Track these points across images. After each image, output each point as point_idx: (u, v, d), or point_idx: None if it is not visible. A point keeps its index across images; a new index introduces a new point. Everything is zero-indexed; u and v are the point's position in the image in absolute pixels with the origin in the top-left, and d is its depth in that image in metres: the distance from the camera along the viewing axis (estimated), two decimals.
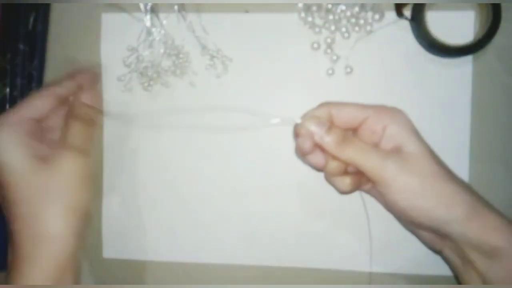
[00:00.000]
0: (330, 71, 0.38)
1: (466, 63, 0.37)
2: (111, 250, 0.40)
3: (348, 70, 0.37)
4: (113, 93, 0.39)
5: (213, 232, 0.39)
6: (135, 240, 0.40)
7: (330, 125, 0.32)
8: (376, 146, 0.32)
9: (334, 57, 0.38)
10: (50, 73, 0.40)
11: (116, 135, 0.40)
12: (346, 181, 0.33)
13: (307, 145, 0.32)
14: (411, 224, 0.34)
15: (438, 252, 0.34)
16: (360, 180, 0.34)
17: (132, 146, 0.39)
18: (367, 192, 0.36)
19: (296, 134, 0.33)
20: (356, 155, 0.31)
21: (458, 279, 0.34)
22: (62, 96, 0.34)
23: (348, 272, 0.38)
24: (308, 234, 0.39)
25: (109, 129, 0.40)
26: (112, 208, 0.40)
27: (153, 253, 0.40)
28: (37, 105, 0.33)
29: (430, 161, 0.31)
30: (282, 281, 0.39)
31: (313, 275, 0.39)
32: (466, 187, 0.31)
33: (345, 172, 0.33)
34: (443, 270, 0.37)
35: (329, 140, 0.31)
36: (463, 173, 0.37)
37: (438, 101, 0.37)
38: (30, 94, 0.34)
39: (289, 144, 0.38)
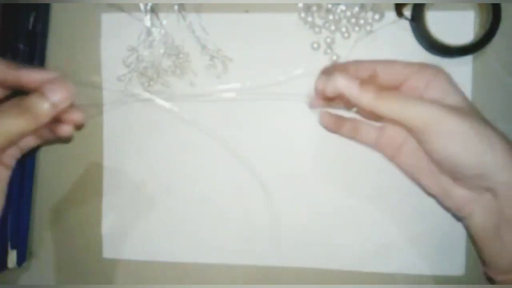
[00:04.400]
0: None
1: (466, 63, 0.37)
2: (111, 250, 0.40)
3: None
4: (113, 93, 0.39)
5: (213, 232, 0.39)
6: (135, 240, 0.40)
7: (361, 80, 0.31)
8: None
9: (334, 57, 0.38)
10: None
11: (116, 135, 0.40)
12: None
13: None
14: (453, 174, 0.32)
15: (463, 217, 0.33)
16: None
17: (132, 145, 0.39)
18: (390, 158, 0.35)
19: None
20: (396, 105, 0.30)
21: (479, 252, 0.33)
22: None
23: (349, 272, 0.38)
24: (308, 234, 0.39)
25: (109, 129, 0.40)
26: (112, 208, 0.40)
27: (153, 253, 0.40)
28: None
29: (472, 110, 0.31)
30: (282, 281, 0.39)
31: (313, 275, 0.39)
32: (504, 136, 0.31)
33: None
34: (443, 270, 0.37)
35: (364, 95, 0.30)
36: None
37: None
38: None
39: (290, 144, 0.38)
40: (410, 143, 0.33)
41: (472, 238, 0.33)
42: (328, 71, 0.33)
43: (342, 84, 0.30)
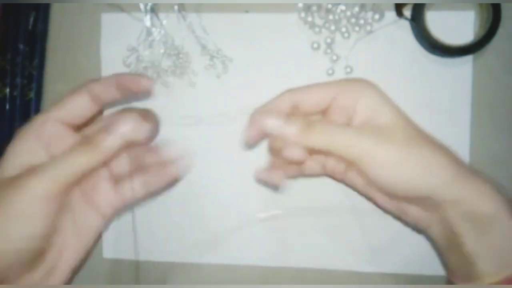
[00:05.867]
0: (330, 71, 0.38)
1: (466, 63, 0.37)
2: (111, 250, 0.40)
3: (348, 70, 0.38)
4: None
5: (213, 232, 0.39)
6: (135, 240, 0.40)
7: (290, 113, 0.30)
8: (348, 123, 0.31)
9: (334, 57, 0.38)
10: (50, 73, 0.40)
11: None
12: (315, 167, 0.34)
13: (255, 139, 0.32)
14: (397, 198, 0.32)
15: (423, 230, 0.33)
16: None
17: None
18: (340, 181, 0.35)
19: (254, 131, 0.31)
20: (326, 138, 0.29)
21: (441, 259, 0.32)
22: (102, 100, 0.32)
23: (348, 272, 0.38)
24: (308, 234, 0.39)
25: None
26: None
27: (153, 253, 0.40)
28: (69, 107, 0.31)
29: (404, 129, 0.30)
30: (282, 281, 0.39)
31: (313, 275, 0.39)
32: (447, 152, 0.30)
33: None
34: (442, 270, 0.37)
35: (291, 130, 0.29)
36: None
37: (438, 101, 0.37)
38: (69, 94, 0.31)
39: None
40: (354, 168, 0.33)
41: (435, 247, 0.33)
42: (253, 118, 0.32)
43: (266, 123, 0.30)
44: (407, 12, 0.36)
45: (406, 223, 0.34)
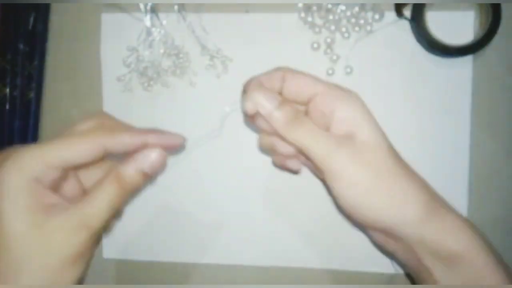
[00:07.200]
0: (330, 71, 0.38)
1: (466, 63, 0.37)
2: (111, 250, 0.40)
3: (348, 70, 0.38)
4: (113, 93, 0.39)
5: (213, 232, 0.39)
6: (135, 240, 0.40)
7: (282, 100, 0.29)
8: (327, 130, 0.29)
9: (334, 57, 0.38)
10: (50, 73, 0.40)
11: None
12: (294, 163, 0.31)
13: (259, 123, 0.30)
14: (361, 224, 0.31)
15: (390, 254, 0.32)
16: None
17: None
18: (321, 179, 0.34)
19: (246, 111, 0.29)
20: (305, 138, 0.28)
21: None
22: (114, 150, 0.28)
23: (349, 272, 0.38)
24: (308, 234, 0.39)
25: None
26: None
27: (153, 253, 0.40)
28: (74, 152, 0.27)
29: (384, 153, 0.28)
30: (282, 281, 0.39)
31: (313, 275, 0.39)
32: (422, 185, 0.28)
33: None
34: None
35: (278, 116, 0.28)
36: (463, 173, 0.37)
37: (438, 101, 0.37)
38: (69, 136, 0.27)
39: None
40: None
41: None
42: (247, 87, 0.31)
43: (257, 101, 0.28)
44: (407, 12, 0.36)
45: (375, 243, 0.33)
